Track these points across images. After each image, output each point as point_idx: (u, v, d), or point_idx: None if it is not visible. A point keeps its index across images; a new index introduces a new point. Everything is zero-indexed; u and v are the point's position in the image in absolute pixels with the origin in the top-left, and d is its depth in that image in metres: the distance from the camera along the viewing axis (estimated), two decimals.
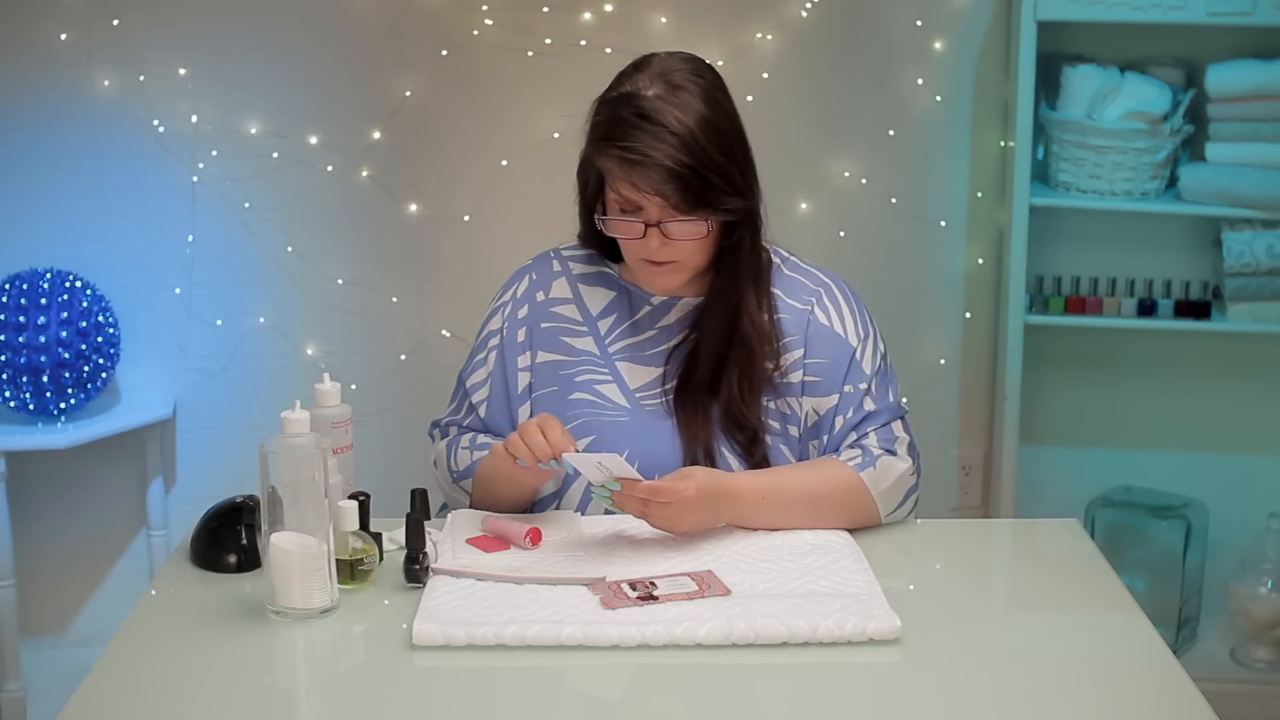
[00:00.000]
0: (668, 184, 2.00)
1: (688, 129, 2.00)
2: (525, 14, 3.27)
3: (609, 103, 2.06)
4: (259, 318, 3.39)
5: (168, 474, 3.43)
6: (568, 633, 1.74)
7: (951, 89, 3.32)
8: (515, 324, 2.22)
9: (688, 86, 2.04)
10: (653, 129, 2.00)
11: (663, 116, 2.00)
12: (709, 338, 2.13)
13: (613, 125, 2.03)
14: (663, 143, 1.99)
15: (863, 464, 2.10)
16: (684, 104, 2.02)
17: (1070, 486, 3.44)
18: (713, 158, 2.02)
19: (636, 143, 1.99)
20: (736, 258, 2.12)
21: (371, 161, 3.33)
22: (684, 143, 2.00)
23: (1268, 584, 3.24)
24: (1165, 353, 3.39)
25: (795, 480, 2.07)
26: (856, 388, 2.15)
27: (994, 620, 1.94)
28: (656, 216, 2.04)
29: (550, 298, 2.22)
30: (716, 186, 2.03)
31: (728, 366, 2.12)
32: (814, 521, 2.06)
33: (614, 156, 2.02)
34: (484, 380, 2.22)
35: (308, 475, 1.80)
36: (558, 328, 2.21)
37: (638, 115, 2.01)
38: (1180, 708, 1.65)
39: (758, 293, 2.14)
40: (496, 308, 2.25)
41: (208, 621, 1.86)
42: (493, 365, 2.21)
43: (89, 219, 3.31)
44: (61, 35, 3.24)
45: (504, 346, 2.21)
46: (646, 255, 2.08)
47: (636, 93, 2.03)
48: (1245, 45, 3.18)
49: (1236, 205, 3.16)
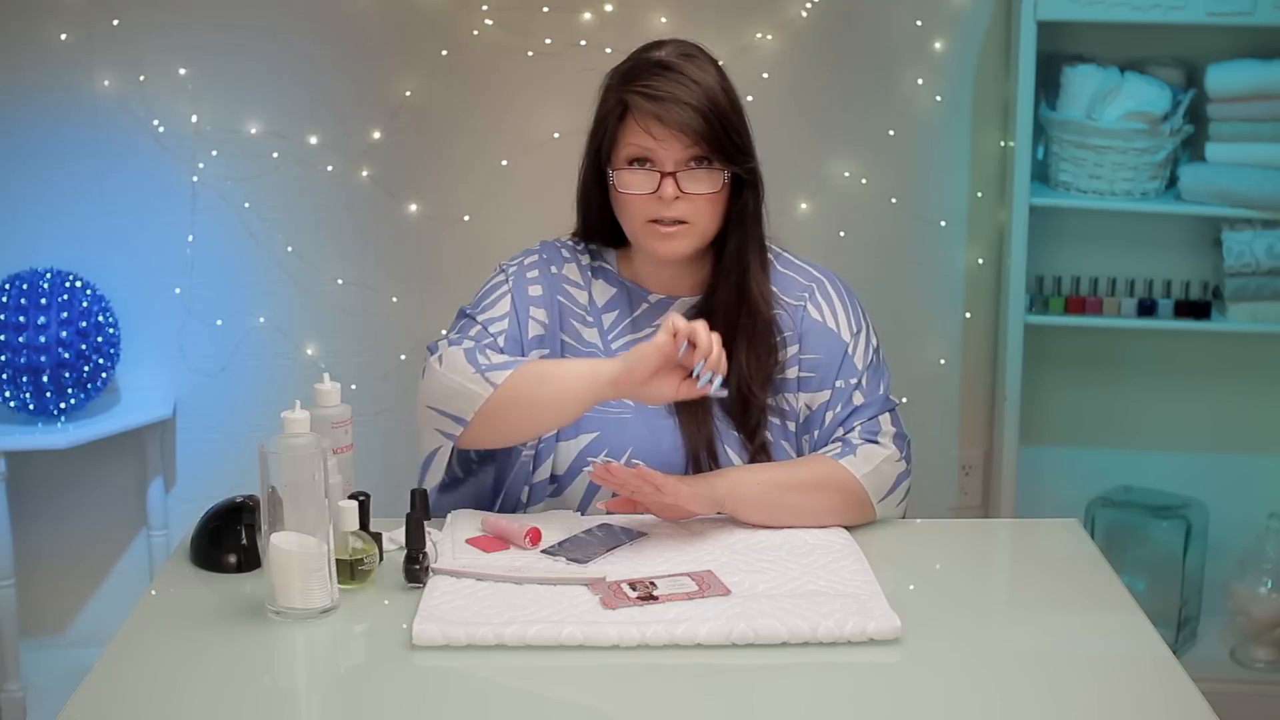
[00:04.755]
0: (692, 121, 2.05)
1: (708, 83, 2.08)
2: (525, 14, 3.27)
3: (629, 60, 2.13)
4: (259, 318, 3.39)
5: (168, 474, 3.43)
6: (568, 633, 1.74)
7: (951, 89, 3.33)
8: (524, 281, 2.17)
9: (700, 57, 2.12)
10: (676, 76, 2.07)
11: (684, 68, 2.08)
12: (721, 308, 2.14)
13: (637, 71, 2.10)
14: (685, 88, 2.06)
15: (842, 453, 2.11)
16: (702, 66, 2.10)
17: (1070, 486, 3.43)
18: (730, 112, 2.09)
19: (663, 83, 2.06)
20: (743, 222, 2.14)
21: (371, 161, 3.33)
22: (706, 91, 2.07)
23: (1268, 584, 3.24)
24: (1165, 353, 3.39)
25: (785, 476, 2.08)
26: (848, 383, 2.15)
27: (994, 620, 1.94)
28: (672, 166, 2.06)
29: (563, 274, 2.20)
30: (733, 139, 2.08)
31: (737, 337, 2.12)
32: (814, 517, 2.06)
33: (640, 93, 2.07)
34: (501, 316, 2.15)
35: (308, 475, 1.80)
36: (570, 308, 2.19)
37: (660, 66, 2.08)
38: (1180, 708, 1.65)
39: (761, 262, 2.17)
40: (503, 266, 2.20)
41: (208, 621, 1.86)
42: (506, 309, 2.15)
43: (89, 219, 3.31)
44: (61, 35, 3.24)
45: (514, 295, 2.16)
46: (657, 212, 2.08)
47: (655, 54, 2.11)
48: (1245, 45, 3.18)
49: (1236, 205, 3.16)
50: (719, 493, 2.04)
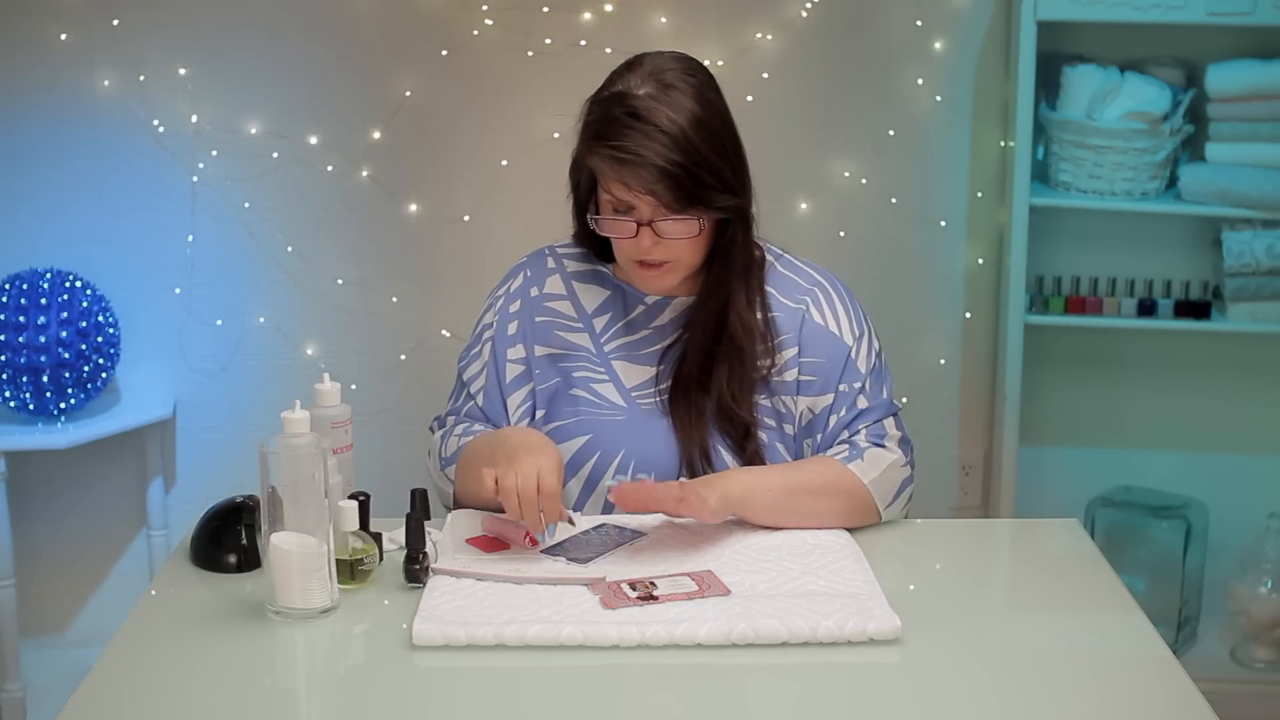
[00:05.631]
0: (660, 183, 2.00)
1: (679, 128, 2.00)
2: (525, 14, 3.27)
3: (600, 102, 2.06)
4: (259, 318, 3.39)
5: (168, 474, 3.43)
6: (568, 633, 1.74)
7: (951, 89, 3.33)
8: (506, 318, 2.22)
9: (679, 85, 2.03)
10: (644, 128, 1.99)
11: (654, 116, 2.00)
12: (697, 334, 2.14)
13: (605, 124, 2.02)
14: (654, 142, 1.99)
15: (849, 457, 2.10)
16: (675, 103, 2.01)
17: (1070, 486, 3.43)
18: (704, 156, 2.01)
19: (629, 142, 1.99)
20: (728, 255, 2.12)
21: (371, 161, 3.33)
22: (675, 141, 1.99)
23: (1268, 584, 3.24)
24: (1165, 353, 3.39)
25: (796, 480, 2.07)
26: (851, 386, 2.15)
27: (994, 620, 1.94)
28: (649, 215, 2.04)
29: (544, 293, 2.23)
30: (708, 185, 2.02)
31: (717, 363, 2.13)
32: (819, 520, 2.06)
33: (606, 156, 2.02)
34: (479, 371, 2.22)
35: (308, 475, 1.80)
36: (552, 322, 2.21)
37: (629, 114, 2.00)
38: (1180, 708, 1.65)
39: (748, 290, 2.15)
40: (491, 302, 2.26)
41: (208, 621, 1.86)
42: (487, 357, 2.22)
43: (89, 219, 3.31)
44: (61, 35, 3.24)
45: (495, 340, 2.22)
46: (639, 256, 2.08)
47: (628, 92, 2.03)
48: (1245, 45, 3.18)
49: (1236, 205, 3.16)
50: (733, 504, 2.04)
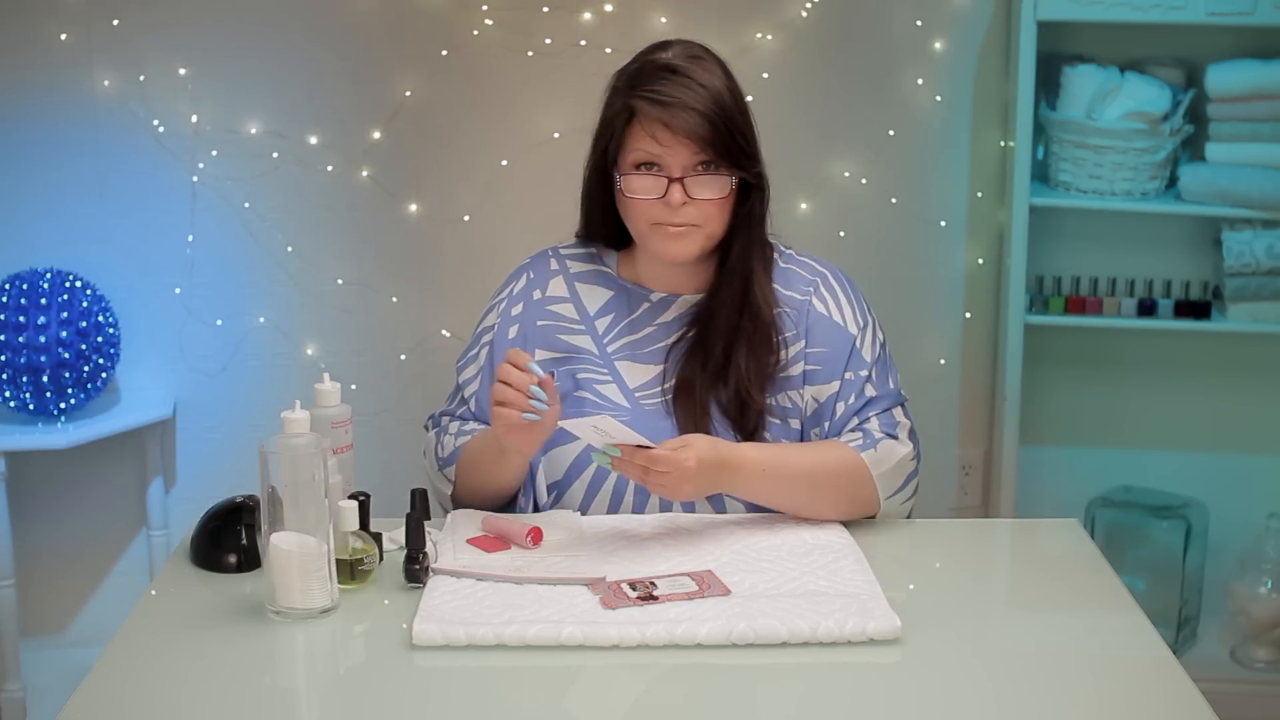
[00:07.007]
0: (701, 128, 2.04)
1: (715, 87, 2.07)
2: (525, 14, 3.26)
3: (635, 62, 2.12)
4: (259, 318, 3.39)
5: (168, 474, 3.43)
6: (568, 633, 1.74)
7: (951, 89, 3.33)
8: (508, 321, 2.23)
9: (707, 59, 2.11)
10: (683, 80, 2.07)
11: (692, 72, 2.07)
12: (719, 321, 2.14)
13: (644, 75, 2.09)
14: (693, 92, 2.05)
15: (864, 445, 2.11)
16: (708, 68, 2.09)
17: (1070, 486, 3.43)
18: (735, 117, 2.08)
19: (670, 87, 2.05)
20: (749, 226, 2.15)
21: (371, 161, 3.33)
22: (713, 95, 2.06)
23: (1268, 584, 3.24)
24: (1165, 353, 3.39)
25: (797, 457, 2.08)
26: (858, 374, 2.16)
27: (994, 620, 1.94)
28: (679, 172, 2.06)
29: (546, 296, 2.23)
30: (740, 144, 2.08)
31: (739, 341, 2.13)
32: (812, 501, 2.07)
33: (648, 99, 2.06)
34: (475, 375, 2.23)
35: (308, 475, 1.81)
36: (554, 325, 2.21)
37: (667, 69, 2.08)
38: (1180, 708, 1.65)
39: (765, 266, 2.17)
40: (493, 304, 2.27)
41: (208, 621, 1.86)
42: (484, 360, 2.23)
43: (89, 219, 3.31)
44: (61, 35, 3.24)
45: (495, 343, 2.22)
46: (665, 218, 2.08)
47: (662, 56, 2.10)
48: (1245, 45, 3.18)
49: (1236, 205, 3.16)
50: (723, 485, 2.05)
